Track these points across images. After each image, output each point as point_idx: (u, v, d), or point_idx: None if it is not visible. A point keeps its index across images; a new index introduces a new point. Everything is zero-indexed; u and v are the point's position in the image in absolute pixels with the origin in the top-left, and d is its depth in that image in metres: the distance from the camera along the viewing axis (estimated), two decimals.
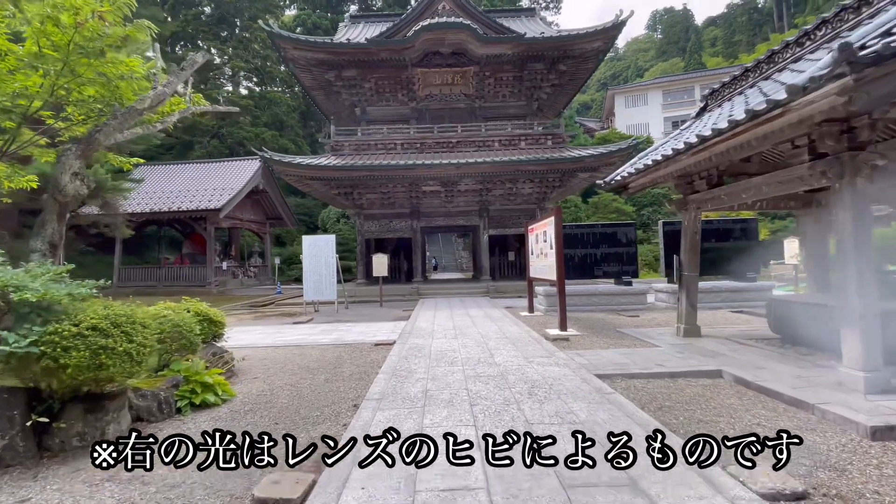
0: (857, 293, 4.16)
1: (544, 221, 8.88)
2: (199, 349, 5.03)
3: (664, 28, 74.96)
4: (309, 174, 16.06)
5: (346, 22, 20.75)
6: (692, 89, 46.38)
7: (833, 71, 3.41)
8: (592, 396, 4.01)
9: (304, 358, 6.39)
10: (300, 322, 10.39)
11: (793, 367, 4.94)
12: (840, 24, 5.06)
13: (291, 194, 33.17)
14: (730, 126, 4.48)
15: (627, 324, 8.71)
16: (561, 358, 5.58)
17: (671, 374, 4.95)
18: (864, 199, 4.29)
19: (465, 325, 8.91)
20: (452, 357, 5.84)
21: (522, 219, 17.86)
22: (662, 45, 72.42)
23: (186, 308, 5.77)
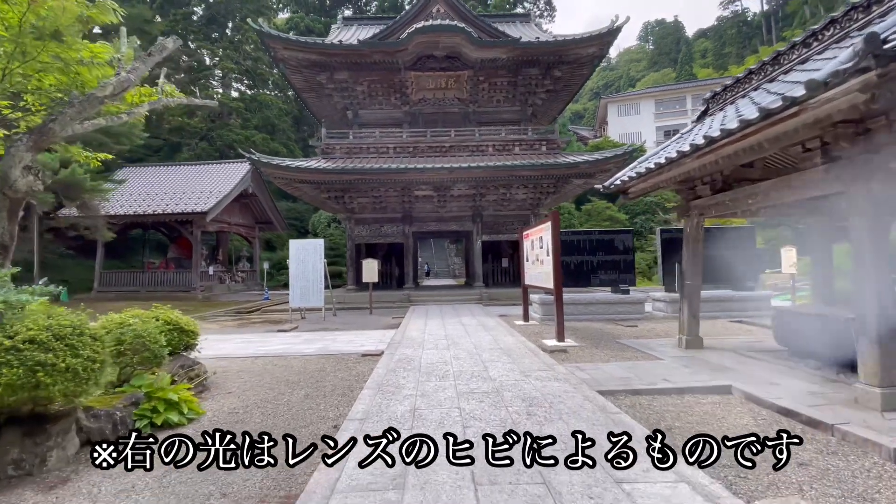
0: (874, 305, 3.89)
1: (540, 227, 8.58)
2: (166, 362, 4.61)
3: (656, 39, 75.94)
4: (298, 177, 15.65)
5: (339, 24, 20.49)
6: (684, 99, 46.89)
7: (858, 64, 3.15)
8: (597, 417, 3.66)
9: (284, 370, 5.97)
10: (284, 330, 9.94)
11: (804, 383, 4.65)
12: (849, 23, 4.85)
13: (282, 198, 32.67)
14: (740, 126, 4.21)
15: (626, 334, 8.40)
16: (560, 372, 5.23)
17: (678, 389, 4.63)
18: (880, 205, 4.03)
19: (458, 334, 8.54)
20: (444, 370, 5.46)
21: (516, 225, 17.61)
22: (654, 55, 73.30)
23: (155, 316, 5.36)
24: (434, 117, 18.58)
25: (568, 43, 16.55)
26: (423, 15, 17.41)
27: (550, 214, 7.67)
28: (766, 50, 45.88)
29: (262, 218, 27.18)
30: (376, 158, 16.76)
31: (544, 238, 8.19)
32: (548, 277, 7.90)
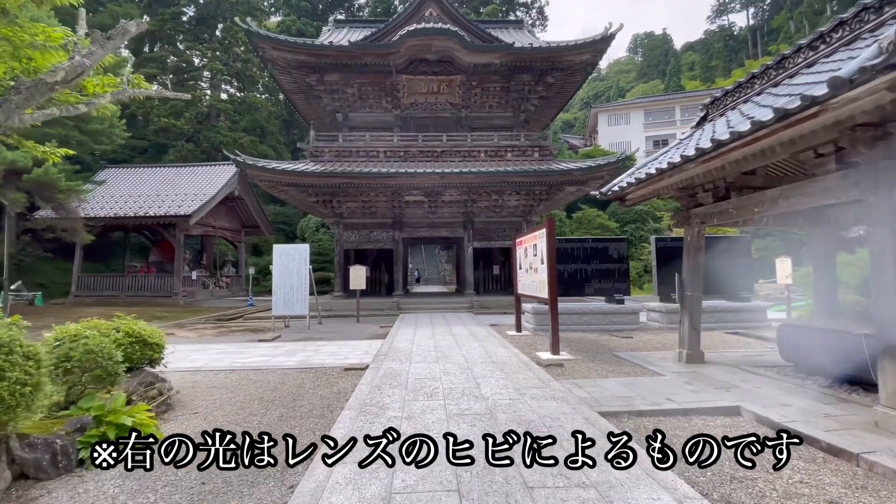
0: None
1: (535, 233, 8.27)
2: (123, 379, 4.15)
3: (644, 51, 77.01)
4: (284, 180, 15.19)
5: (330, 26, 20.16)
6: (673, 110, 47.44)
7: (887, 60, 2.89)
8: (601, 444, 3.30)
9: (260, 386, 5.52)
10: (265, 340, 9.44)
11: (817, 404, 4.36)
12: (860, 25, 4.64)
13: (271, 202, 32.05)
14: (752, 129, 3.94)
15: (622, 346, 8.10)
16: (557, 390, 4.87)
17: (683, 411, 4.30)
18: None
19: (448, 345, 8.15)
20: (432, 387, 5.07)
21: (508, 231, 17.33)
22: (643, 67, 74.28)
23: (116, 327, 4.90)
24: (426, 121, 18.29)
25: (561, 49, 16.42)
26: (415, 18, 17.18)
27: (545, 221, 7.35)
28: (753, 63, 46.67)
29: (249, 222, 26.55)
30: (366, 162, 16.38)
31: (538, 245, 7.88)
32: (542, 286, 7.57)
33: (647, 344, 8.32)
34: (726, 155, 4.58)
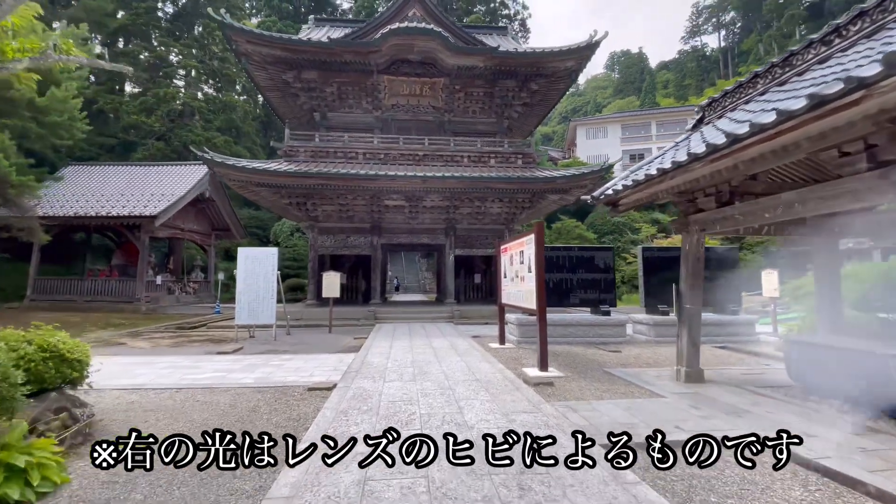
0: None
1: (521, 240, 7.71)
2: (23, 405, 3.33)
3: (621, 69, 78.89)
4: (255, 179, 14.30)
5: (311, 24, 19.47)
6: (649, 125, 48.46)
7: None
8: (610, 491, 2.70)
9: (206, 409, 4.72)
10: (225, 352, 8.53)
11: (845, 434, 3.88)
12: (883, 15, 4.29)
13: (245, 206, 30.76)
14: (777, 120, 3.47)
15: (612, 361, 7.58)
16: (550, 415, 4.26)
17: None
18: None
19: (427, 360, 7.46)
20: (409, 413, 4.38)
21: (490, 239, 16.82)
22: (619, 84, 75.99)
23: (28, 339, 4.07)
24: (407, 124, 17.71)
25: (546, 55, 16.16)
26: (398, 18, 16.65)
27: (535, 226, 6.81)
28: (724, 83, 48.09)
29: (220, 225, 25.27)
30: (344, 163, 15.64)
31: (526, 252, 7.32)
32: (529, 296, 7.00)
33: (637, 359, 7.83)
34: (740, 152, 4.12)
